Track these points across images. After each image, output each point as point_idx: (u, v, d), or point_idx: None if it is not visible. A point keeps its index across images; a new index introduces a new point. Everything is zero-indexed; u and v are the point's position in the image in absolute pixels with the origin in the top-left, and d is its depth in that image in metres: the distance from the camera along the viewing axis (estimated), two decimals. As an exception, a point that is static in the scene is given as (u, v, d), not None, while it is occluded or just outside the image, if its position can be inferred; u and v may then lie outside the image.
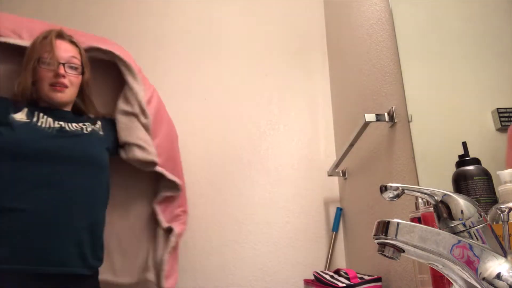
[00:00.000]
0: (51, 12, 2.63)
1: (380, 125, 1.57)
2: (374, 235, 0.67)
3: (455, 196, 0.69)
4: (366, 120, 1.48)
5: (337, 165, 1.99)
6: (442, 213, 0.70)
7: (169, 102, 2.36)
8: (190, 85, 2.44)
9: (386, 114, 1.46)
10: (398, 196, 0.73)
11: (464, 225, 0.67)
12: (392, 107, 1.43)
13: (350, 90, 2.01)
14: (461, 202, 0.68)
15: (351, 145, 1.74)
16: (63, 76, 1.59)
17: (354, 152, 1.83)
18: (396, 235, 0.64)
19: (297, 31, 2.57)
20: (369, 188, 1.72)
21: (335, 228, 2.11)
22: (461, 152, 0.94)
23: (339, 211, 2.14)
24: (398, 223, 0.64)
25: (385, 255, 0.66)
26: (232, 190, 2.24)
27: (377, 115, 1.48)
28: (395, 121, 1.42)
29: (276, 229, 2.17)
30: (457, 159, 0.93)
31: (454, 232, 0.67)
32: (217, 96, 2.42)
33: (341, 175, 2.12)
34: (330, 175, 2.13)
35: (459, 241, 0.63)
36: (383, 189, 0.73)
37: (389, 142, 1.48)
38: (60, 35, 1.66)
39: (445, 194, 0.70)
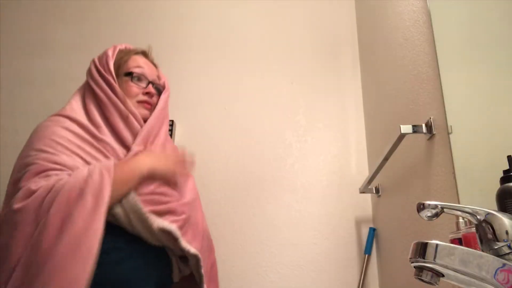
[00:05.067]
0: (57, 14, 2.70)
1: (417, 137, 1.56)
2: (411, 258, 0.68)
3: (500, 215, 0.69)
4: (402, 131, 1.48)
5: (370, 181, 1.98)
6: (485, 233, 0.70)
7: (185, 111, 2.40)
8: (208, 93, 2.46)
9: (423, 125, 1.45)
10: (437, 215, 0.73)
11: (510, 247, 0.67)
12: (430, 118, 1.43)
13: (384, 99, 2.01)
14: (506, 222, 0.68)
15: (385, 159, 1.73)
16: (152, 96, 1.72)
17: (389, 167, 1.82)
18: (434, 258, 0.64)
19: (325, 34, 2.58)
20: (405, 206, 1.72)
21: (368, 251, 2.10)
22: (506, 167, 0.93)
23: (372, 232, 2.12)
24: (437, 245, 0.64)
25: (422, 280, 0.67)
26: (255, 209, 2.25)
27: (413, 126, 1.47)
28: (434, 132, 1.41)
29: (302, 251, 2.16)
30: (501, 174, 0.93)
31: (499, 254, 0.68)
32: (238, 106, 2.44)
33: (374, 192, 2.11)
34: (362, 192, 2.13)
35: (504, 265, 0.63)
36: (421, 207, 0.74)
37: (427, 156, 1.48)
38: (146, 54, 1.81)
39: (488, 213, 0.70)
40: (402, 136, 1.52)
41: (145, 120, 1.66)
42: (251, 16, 2.65)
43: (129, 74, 1.68)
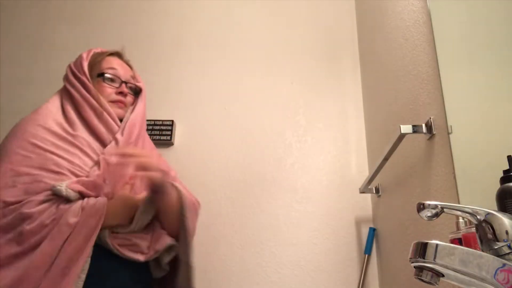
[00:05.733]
0: (57, 14, 2.69)
1: (417, 137, 1.56)
2: (411, 258, 0.68)
3: (500, 215, 0.69)
4: (402, 131, 1.48)
5: (370, 181, 1.98)
6: (485, 233, 0.70)
7: (185, 111, 2.40)
8: (208, 93, 2.46)
9: (423, 125, 1.45)
10: (437, 215, 0.73)
11: (510, 247, 0.67)
12: (430, 118, 1.43)
13: (384, 99, 2.01)
14: (506, 222, 0.68)
15: (385, 159, 1.73)
16: (126, 95, 1.74)
17: (389, 167, 1.82)
18: (434, 258, 0.64)
19: (325, 34, 2.58)
20: (405, 206, 1.72)
21: (368, 250, 2.10)
22: (506, 167, 0.93)
23: (372, 232, 2.13)
24: (436, 245, 0.64)
25: (422, 280, 0.67)
26: (254, 209, 2.25)
27: (413, 126, 1.47)
28: (434, 132, 1.41)
29: (302, 251, 2.16)
30: (501, 174, 0.93)
31: (499, 254, 0.68)
32: (238, 106, 2.44)
33: (374, 192, 2.12)
34: (362, 192, 2.13)
35: (504, 265, 0.63)
36: (421, 207, 0.74)
37: (427, 156, 1.48)
38: (120, 55, 1.83)
39: (488, 213, 0.70)
40: (402, 136, 1.52)
41: (120, 119, 1.70)
42: (251, 16, 2.65)
43: (102, 75, 1.72)
